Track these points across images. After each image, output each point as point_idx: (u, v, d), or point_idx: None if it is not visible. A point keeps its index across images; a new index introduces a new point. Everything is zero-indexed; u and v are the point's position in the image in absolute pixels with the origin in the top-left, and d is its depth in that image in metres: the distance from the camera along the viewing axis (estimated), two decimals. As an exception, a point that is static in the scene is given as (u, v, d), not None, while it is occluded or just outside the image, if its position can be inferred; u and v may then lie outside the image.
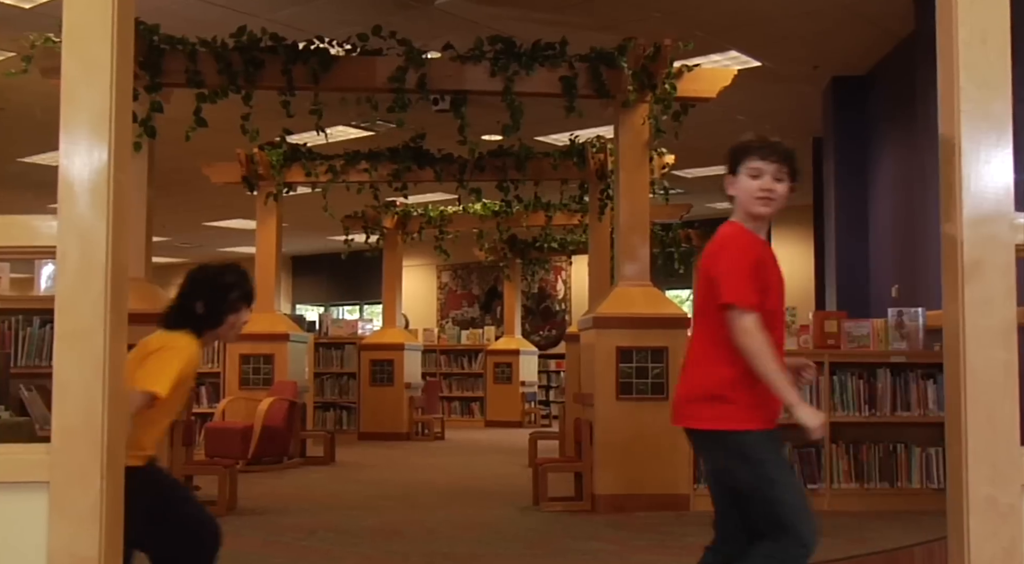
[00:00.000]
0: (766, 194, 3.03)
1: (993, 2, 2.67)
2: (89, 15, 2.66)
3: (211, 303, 3.44)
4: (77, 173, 2.64)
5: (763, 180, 3.03)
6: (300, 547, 5.55)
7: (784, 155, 3.05)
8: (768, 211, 3.08)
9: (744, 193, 3.07)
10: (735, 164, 3.09)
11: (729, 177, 3.12)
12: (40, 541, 2.58)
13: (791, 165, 3.08)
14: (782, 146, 3.08)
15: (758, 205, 3.06)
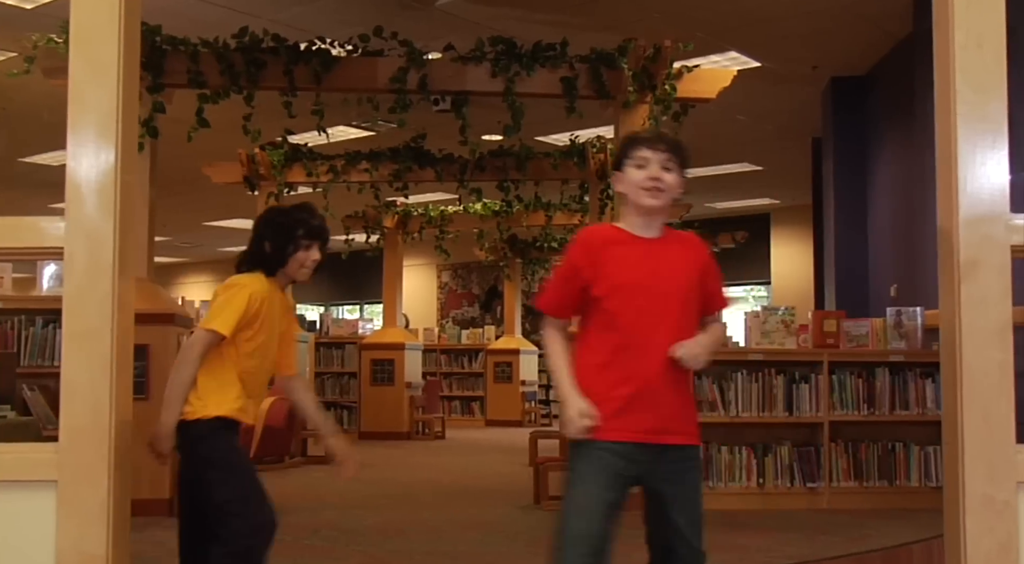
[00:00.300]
0: (654, 183, 2.81)
1: (989, 6, 2.70)
2: (96, 17, 2.69)
3: (277, 242, 3.41)
4: (84, 174, 2.67)
5: (650, 169, 2.82)
6: (303, 545, 5.58)
7: (671, 144, 2.87)
8: (657, 203, 2.83)
9: (631, 185, 2.86)
10: (621, 159, 2.91)
11: (617, 174, 2.93)
12: (48, 539, 2.61)
13: (679, 155, 2.88)
14: (669, 136, 2.94)
15: (645, 196, 2.82)
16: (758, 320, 7.09)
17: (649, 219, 2.87)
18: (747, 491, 6.81)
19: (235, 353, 3.38)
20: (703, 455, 3.15)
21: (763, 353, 6.94)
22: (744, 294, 19.60)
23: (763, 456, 6.85)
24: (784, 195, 16.05)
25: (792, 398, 6.88)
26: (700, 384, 6.84)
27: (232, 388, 3.42)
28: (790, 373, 6.91)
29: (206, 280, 23.20)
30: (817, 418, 6.87)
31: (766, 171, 14.14)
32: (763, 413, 6.85)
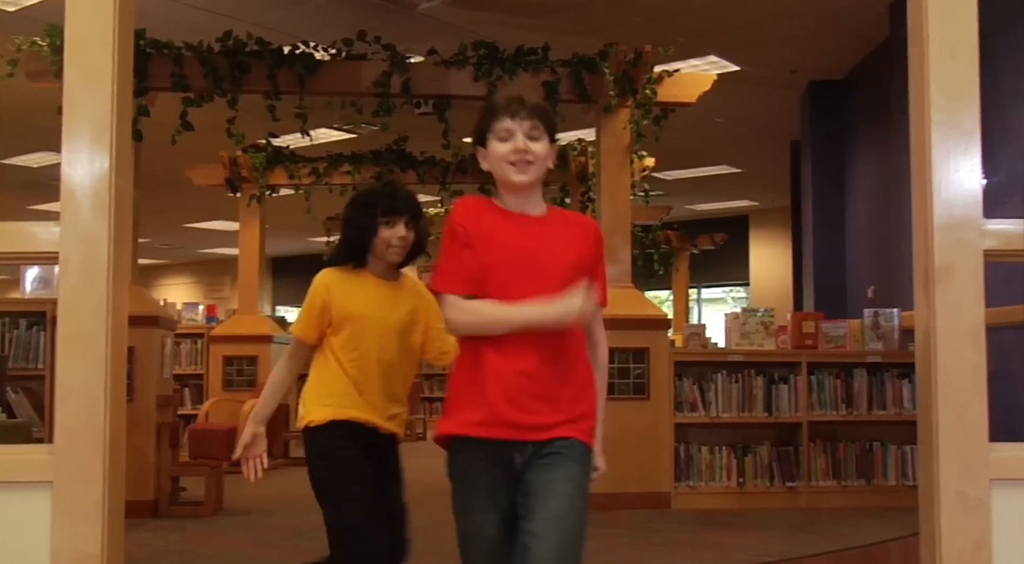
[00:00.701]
0: (520, 156, 2.53)
1: (962, 17, 2.78)
2: (91, 26, 2.74)
3: (358, 224, 3.25)
4: (79, 180, 2.71)
5: (514, 141, 2.53)
6: (289, 546, 5.63)
7: (534, 109, 2.57)
8: (527, 178, 2.54)
9: (496, 161, 2.56)
10: (482, 133, 2.60)
11: (480, 150, 2.62)
12: (43, 539, 2.65)
13: (545, 119, 2.59)
14: (532, 101, 2.61)
15: (513, 172, 2.53)
16: (738, 321, 7.18)
17: (523, 196, 2.60)
18: (727, 490, 6.90)
19: (332, 351, 3.26)
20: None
21: (743, 354, 7.03)
22: (723, 295, 19.74)
23: (743, 456, 6.94)
24: (763, 197, 16.17)
25: (771, 398, 6.97)
26: (681, 385, 6.93)
27: (335, 388, 3.24)
28: (769, 374, 7.00)
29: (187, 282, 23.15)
30: (796, 418, 6.96)
31: (745, 173, 14.25)
32: (743, 413, 6.94)
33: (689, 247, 15.39)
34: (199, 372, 10.62)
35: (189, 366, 10.66)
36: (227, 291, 22.18)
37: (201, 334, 10.75)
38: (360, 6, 7.75)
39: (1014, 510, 2.64)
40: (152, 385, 6.61)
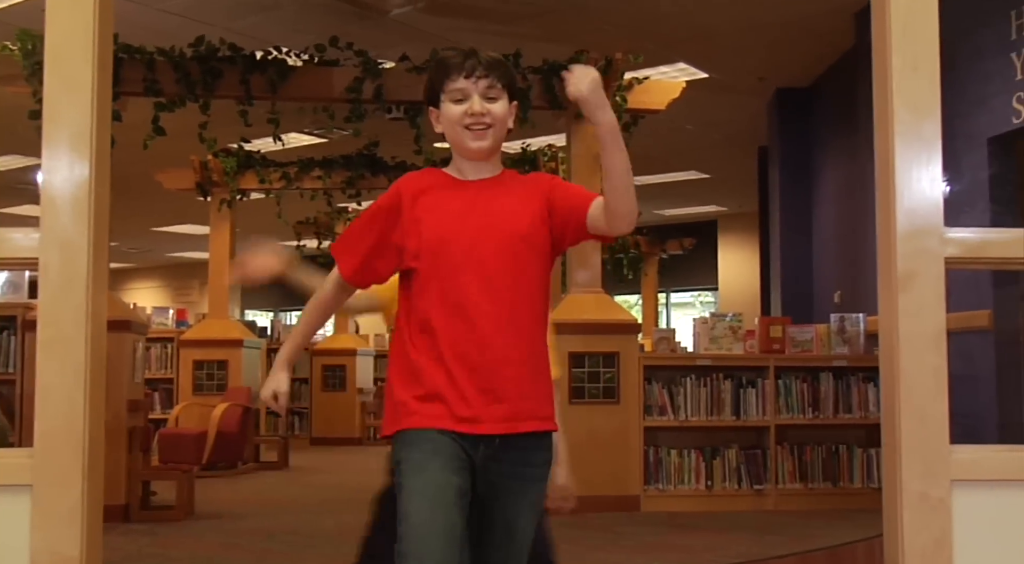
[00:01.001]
0: (475, 119, 2.29)
1: (924, 31, 2.86)
2: (71, 37, 2.77)
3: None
4: (59, 188, 2.74)
5: (470, 103, 2.29)
6: (260, 549, 5.65)
7: (491, 65, 2.31)
8: (486, 144, 2.32)
9: (450, 125, 2.32)
10: (434, 92, 2.35)
11: (432, 111, 2.38)
12: (23, 542, 2.67)
13: (503, 75, 2.34)
14: (487, 56, 2.34)
15: (470, 139, 2.30)
16: (706, 326, 7.26)
17: (478, 164, 2.37)
18: (696, 493, 6.98)
19: None
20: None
21: (711, 359, 7.11)
22: (692, 299, 19.88)
23: (711, 459, 7.03)
24: (731, 202, 16.31)
25: (739, 402, 7.06)
26: (650, 389, 7.01)
27: None
28: (737, 378, 7.10)
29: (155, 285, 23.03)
30: (763, 422, 7.06)
31: (714, 179, 14.38)
32: (711, 417, 7.03)
33: (658, 252, 15.52)
34: (169, 376, 10.61)
35: (159, 370, 10.64)
36: (196, 295, 22.09)
37: (171, 338, 10.73)
38: (332, 12, 7.78)
39: (974, 510, 2.71)
40: (123, 389, 6.60)
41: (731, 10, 7.95)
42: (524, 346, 2.29)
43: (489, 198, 2.35)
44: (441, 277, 2.29)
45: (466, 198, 2.34)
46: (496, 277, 2.27)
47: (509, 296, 2.28)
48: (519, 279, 2.30)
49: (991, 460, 2.82)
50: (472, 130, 2.31)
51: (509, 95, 2.37)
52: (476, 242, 2.29)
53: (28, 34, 6.33)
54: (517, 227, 2.31)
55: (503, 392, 2.26)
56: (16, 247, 2.85)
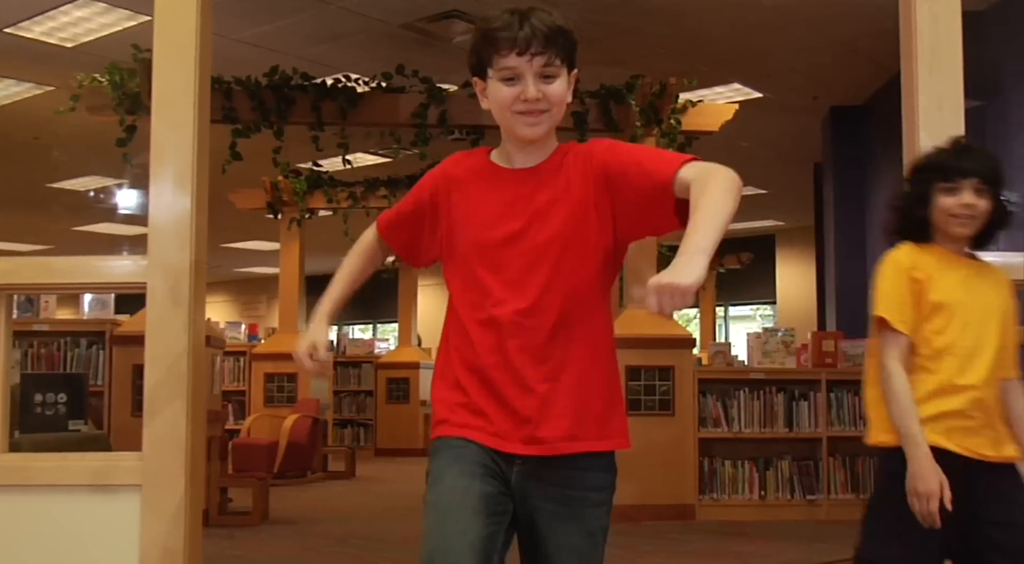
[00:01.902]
0: (529, 106, 2.00)
1: (948, 73, 3.12)
2: (177, 86, 3.12)
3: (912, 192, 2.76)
4: (164, 219, 3.10)
5: (522, 86, 2.00)
6: (334, 553, 5.98)
7: (549, 39, 1.98)
8: (539, 131, 2.03)
9: (500, 107, 2.05)
10: (482, 65, 2.06)
11: (478, 83, 2.11)
12: (133, 536, 3.02)
13: (564, 49, 2.01)
14: (545, 23, 1.99)
15: (522, 124, 2.02)
16: (759, 341, 7.48)
17: (529, 150, 2.09)
18: (749, 503, 7.19)
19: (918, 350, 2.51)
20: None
21: (764, 372, 7.33)
22: (751, 313, 19.98)
23: (764, 470, 7.24)
24: (788, 217, 16.42)
25: (792, 414, 7.27)
26: (705, 402, 7.24)
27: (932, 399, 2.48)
28: (790, 391, 7.30)
29: (223, 300, 23.59)
30: (816, 434, 7.25)
31: (770, 194, 14.52)
32: (764, 429, 7.24)
33: (716, 266, 15.68)
34: (242, 388, 11.03)
35: (232, 383, 11.06)
36: (263, 309, 22.60)
37: (244, 352, 11.15)
38: (399, 40, 8.12)
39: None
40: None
41: (783, 33, 8.16)
42: (571, 361, 2.02)
43: (533, 192, 2.06)
44: (474, 284, 2.07)
45: (506, 195, 2.08)
46: (533, 286, 2.01)
47: (549, 307, 2.01)
48: (565, 286, 2.01)
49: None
50: (525, 115, 2.01)
51: (569, 65, 2.04)
52: (513, 247, 2.04)
53: (117, 67, 6.76)
54: (561, 228, 2.03)
55: (538, 411, 2.02)
56: (126, 273, 3.21)
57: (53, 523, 3.04)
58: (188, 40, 3.11)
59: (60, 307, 7.51)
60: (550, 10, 2.02)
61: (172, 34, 3.10)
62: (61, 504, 3.04)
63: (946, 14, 3.12)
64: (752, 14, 7.71)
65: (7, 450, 3.15)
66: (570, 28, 2.04)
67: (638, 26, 7.97)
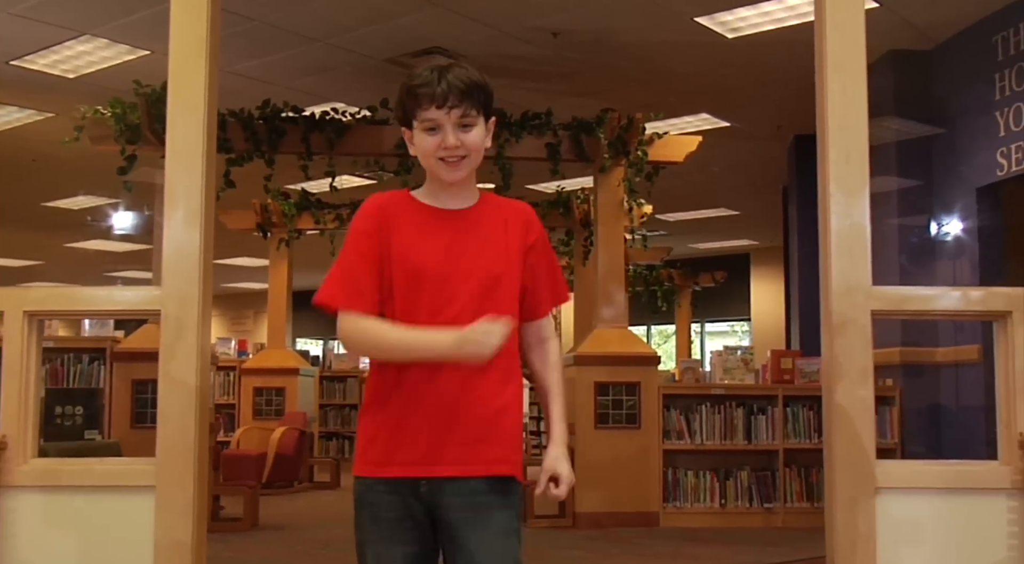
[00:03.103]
0: (449, 152, 2.18)
1: (855, 128, 3.62)
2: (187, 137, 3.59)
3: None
4: (176, 253, 3.56)
5: (442, 136, 2.17)
6: (320, 556, 6.42)
7: (463, 90, 2.15)
8: (460, 175, 2.21)
9: (423, 154, 2.22)
10: (407, 117, 2.22)
11: (407, 132, 2.26)
12: (148, 531, 3.47)
13: (478, 99, 2.18)
14: (460, 78, 2.16)
15: (444, 171, 2.20)
16: (721, 358, 7.97)
17: (452, 191, 2.25)
18: (710, 511, 7.67)
19: None
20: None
21: (724, 388, 7.82)
22: (728, 329, 20.50)
23: (724, 479, 7.71)
24: (762, 237, 16.95)
25: (751, 428, 7.75)
26: (669, 415, 7.71)
27: None
28: (749, 405, 7.78)
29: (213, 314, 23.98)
30: (773, 446, 7.73)
31: (742, 215, 15.05)
32: (725, 441, 7.72)
33: (691, 284, 16.19)
34: (231, 402, 11.45)
35: (223, 396, 11.49)
36: (250, 324, 22.99)
37: (234, 367, 11.58)
38: (382, 73, 8.60)
39: (893, 511, 3.42)
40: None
41: (746, 69, 8.67)
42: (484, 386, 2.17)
43: (466, 232, 2.24)
44: (409, 312, 2.17)
45: (442, 231, 2.23)
46: (465, 316, 2.13)
47: None
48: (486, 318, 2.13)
49: (907, 472, 3.54)
50: (447, 162, 2.19)
51: (485, 115, 2.23)
52: (449, 279, 2.18)
53: (119, 101, 7.21)
54: (492, 266, 2.21)
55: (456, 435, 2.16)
56: (142, 300, 3.68)
57: (78, 519, 3.49)
58: (198, 99, 3.58)
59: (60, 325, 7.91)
60: (467, 66, 2.21)
61: (185, 93, 3.57)
62: (85, 502, 3.49)
63: (853, 83, 3.63)
64: (717, 52, 8.23)
65: (37, 455, 3.59)
66: (485, 81, 2.22)
67: (610, 62, 8.48)
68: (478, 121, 2.21)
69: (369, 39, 8.00)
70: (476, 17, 7.56)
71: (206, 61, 3.57)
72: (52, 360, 7.24)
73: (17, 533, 3.45)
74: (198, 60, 3.59)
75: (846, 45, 3.68)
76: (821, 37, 3.73)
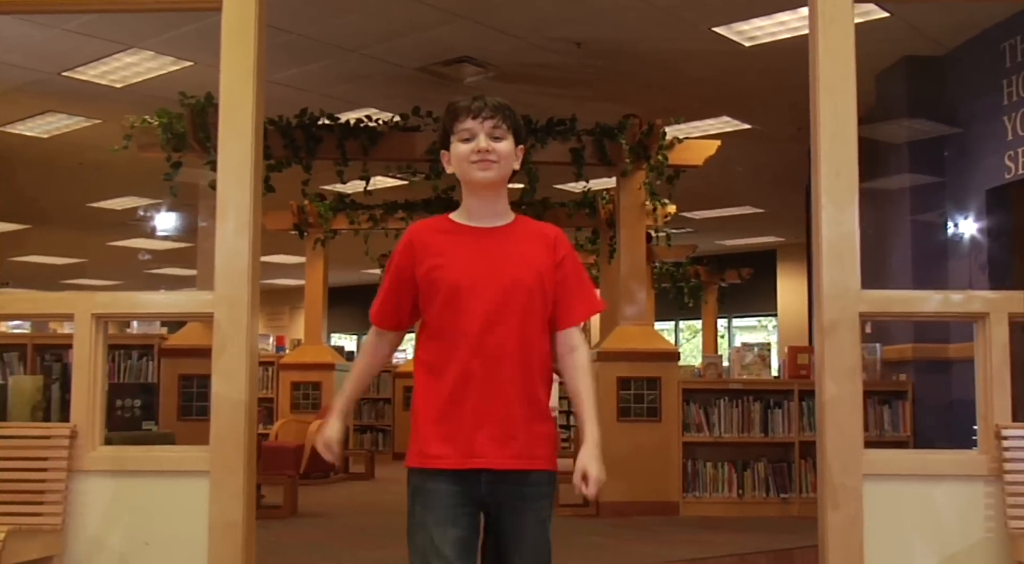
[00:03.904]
0: (481, 156, 2.50)
1: (845, 145, 3.94)
2: (237, 158, 3.96)
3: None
4: (228, 260, 3.94)
5: (477, 142, 2.52)
6: (357, 540, 6.82)
7: (496, 108, 2.55)
8: (490, 175, 2.51)
9: (458, 162, 2.55)
10: (445, 136, 2.61)
11: (444, 154, 2.63)
12: (203, 511, 3.85)
13: (509, 117, 2.56)
14: (495, 100, 2.59)
15: (475, 170, 2.51)
16: (739, 355, 8.28)
17: (485, 200, 2.57)
18: (728, 501, 8.00)
19: None
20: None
21: (742, 383, 8.13)
22: (756, 324, 20.74)
23: (742, 470, 8.04)
24: (788, 233, 17.18)
25: (767, 421, 8.07)
26: (688, 409, 8.05)
27: None
28: (766, 399, 8.10)
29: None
30: (789, 438, 8.04)
31: (767, 213, 15.31)
32: (742, 434, 8.04)
33: (717, 281, 16.46)
34: (270, 396, 11.88)
35: (261, 391, 11.92)
36: (286, 320, 23.46)
37: (272, 362, 12.01)
38: (414, 81, 8.97)
39: (879, 496, 3.75)
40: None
41: (764, 75, 8.96)
42: (525, 390, 2.50)
43: (498, 247, 2.53)
44: (451, 323, 2.49)
45: (477, 246, 2.52)
46: (497, 326, 2.46)
47: (514, 344, 2.48)
48: (520, 327, 2.49)
49: (892, 460, 3.86)
50: (477, 163, 2.51)
51: (515, 138, 2.57)
52: (486, 290, 2.47)
53: (167, 112, 7.62)
54: (521, 278, 2.51)
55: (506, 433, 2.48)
56: (197, 303, 4.08)
57: (140, 500, 3.88)
58: (247, 125, 3.96)
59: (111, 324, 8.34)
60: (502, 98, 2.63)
61: (235, 120, 3.95)
62: (148, 485, 3.88)
63: (843, 105, 3.94)
64: (735, 59, 8.53)
65: (104, 444, 3.99)
66: (513, 109, 2.60)
67: (631, 69, 8.80)
68: (508, 136, 2.56)
69: (401, 49, 8.36)
70: (503, 29, 7.90)
71: (253, 91, 3.96)
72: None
73: (87, 512, 3.85)
74: (246, 90, 3.98)
75: (837, 69, 4.00)
76: (814, 62, 4.06)
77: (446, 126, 2.61)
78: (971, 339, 7.79)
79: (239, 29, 4.06)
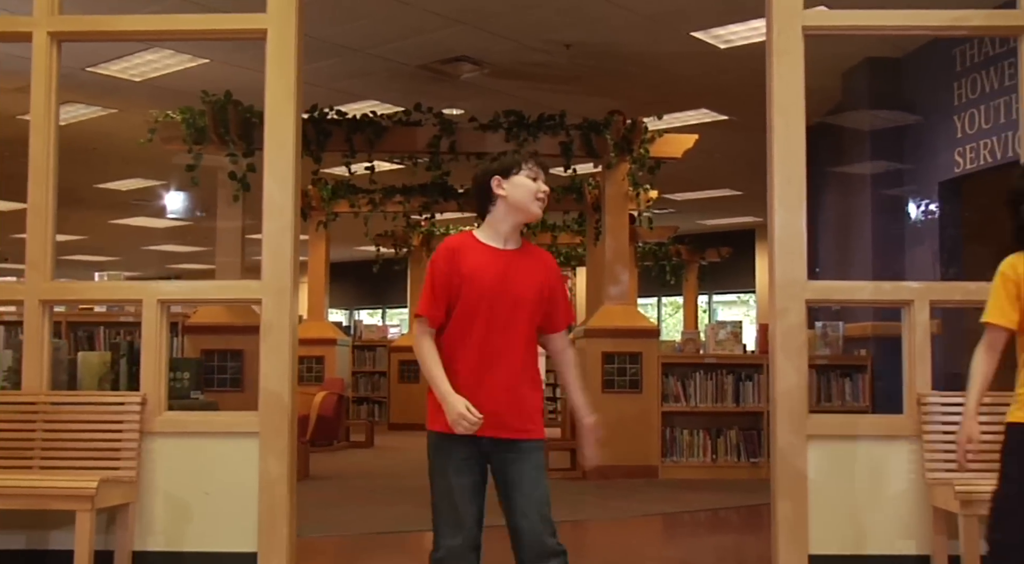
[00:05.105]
0: (544, 196, 3.23)
1: (794, 157, 4.67)
2: (281, 165, 4.65)
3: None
4: (273, 255, 4.62)
5: (540, 184, 3.23)
6: (368, 497, 7.56)
7: (544, 168, 3.30)
8: (540, 213, 3.27)
9: (524, 191, 3.20)
10: (510, 168, 3.23)
11: (497, 179, 3.23)
12: (254, 466, 4.57)
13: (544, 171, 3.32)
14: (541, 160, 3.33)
15: (537, 205, 3.22)
16: (713, 331, 9.04)
17: (517, 228, 3.26)
18: (703, 465, 8.77)
19: None
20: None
21: (716, 357, 8.89)
22: (736, 300, 21.52)
23: (716, 437, 8.81)
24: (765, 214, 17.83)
25: (739, 392, 8.83)
26: (667, 381, 8.80)
27: None
28: (738, 373, 8.85)
29: (241, 286, 25.05)
30: (759, 408, 8.79)
31: (745, 195, 16.02)
32: (716, 404, 8.81)
33: (698, 259, 17.20)
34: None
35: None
36: (281, 296, 23.96)
37: (276, 337, 12.71)
38: (414, 76, 9.63)
39: (821, 454, 4.48)
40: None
41: (738, 72, 9.65)
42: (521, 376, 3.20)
43: (512, 266, 3.21)
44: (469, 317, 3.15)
45: (501, 265, 3.20)
46: (509, 327, 3.17)
47: (516, 341, 3.18)
48: (524, 329, 3.21)
49: (832, 423, 4.60)
50: (540, 201, 3.23)
51: None
52: (501, 300, 3.16)
53: (190, 109, 8.28)
54: (528, 293, 3.22)
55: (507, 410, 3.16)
56: (247, 290, 4.78)
57: (200, 458, 4.60)
58: (288, 138, 4.66)
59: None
60: None
61: (279, 134, 4.65)
62: (206, 445, 4.60)
63: (794, 123, 4.69)
64: (712, 60, 9.23)
65: (167, 410, 4.69)
66: None
67: (617, 68, 9.49)
68: None
69: (404, 50, 9.03)
70: (498, 32, 8.57)
71: (295, 111, 4.65)
72: (131, 332, 8.29)
73: (156, 467, 4.58)
74: (288, 109, 4.68)
75: (789, 93, 4.74)
76: (770, 87, 4.79)
77: (513, 163, 3.24)
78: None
79: (282, 56, 4.78)
